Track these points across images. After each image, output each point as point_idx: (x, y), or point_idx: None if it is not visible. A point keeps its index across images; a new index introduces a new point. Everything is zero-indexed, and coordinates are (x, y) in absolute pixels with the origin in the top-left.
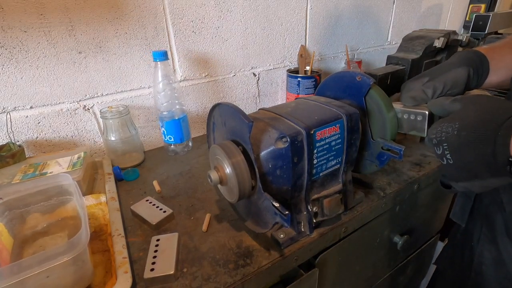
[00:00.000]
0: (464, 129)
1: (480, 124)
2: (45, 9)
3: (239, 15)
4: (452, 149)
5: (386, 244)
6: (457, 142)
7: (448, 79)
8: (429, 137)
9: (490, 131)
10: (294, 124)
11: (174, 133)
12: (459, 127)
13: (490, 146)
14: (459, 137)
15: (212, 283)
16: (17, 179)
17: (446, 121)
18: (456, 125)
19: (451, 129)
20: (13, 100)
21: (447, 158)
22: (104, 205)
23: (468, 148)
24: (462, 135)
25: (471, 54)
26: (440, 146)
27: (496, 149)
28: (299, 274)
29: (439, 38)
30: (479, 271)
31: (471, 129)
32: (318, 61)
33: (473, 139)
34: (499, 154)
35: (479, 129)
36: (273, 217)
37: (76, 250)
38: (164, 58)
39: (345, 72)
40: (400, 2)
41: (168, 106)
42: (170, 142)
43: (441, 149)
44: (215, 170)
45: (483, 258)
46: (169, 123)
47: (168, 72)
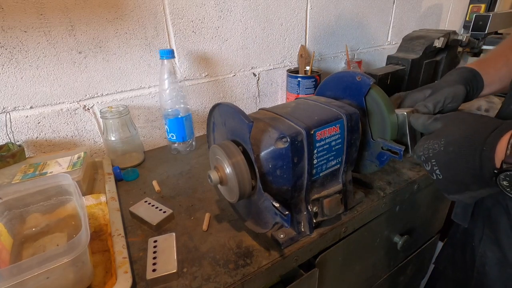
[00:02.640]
0: (451, 145)
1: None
2: (45, 9)
3: (239, 15)
4: (441, 164)
5: (386, 244)
6: (445, 158)
7: (449, 93)
8: (417, 154)
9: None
10: (294, 124)
11: (177, 131)
12: (445, 143)
13: (476, 160)
14: (446, 153)
15: (212, 283)
16: (17, 179)
17: (432, 138)
18: (442, 141)
19: (437, 145)
20: (13, 100)
21: (437, 174)
22: (104, 205)
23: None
24: (449, 150)
25: (466, 73)
26: (428, 163)
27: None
28: (299, 274)
29: (439, 38)
30: (482, 271)
31: (457, 145)
32: (318, 61)
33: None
34: (486, 167)
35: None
36: (273, 217)
37: (76, 251)
38: (170, 56)
39: (345, 72)
40: (400, 2)
41: (173, 103)
42: (173, 140)
43: (430, 165)
44: (215, 170)
45: (486, 258)
46: (172, 121)
47: (174, 70)
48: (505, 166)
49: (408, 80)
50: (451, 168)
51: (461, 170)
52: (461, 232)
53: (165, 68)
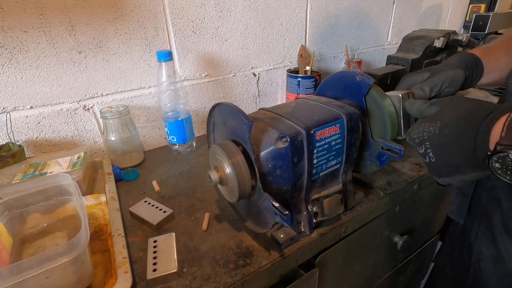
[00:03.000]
0: (446, 127)
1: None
2: (45, 9)
3: (239, 15)
4: (435, 147)
5: (386, 244)
6: (440, 140)
7: (447, 77)
8: (411, 137)
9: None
10: (294, 124)
11: (177, 134)
12: (441, 126)
13: (471, 142)
14: (441, 136)
15: (212, 283)
16: (17, 179)
17: (427, 121)
18: (438, 124)
19: (433, 128)
20: (13, 100)
21: (430, 157)
22: (104, 205)
23: (450, 145)
24: (445, 133)
25: (468, 57)
26: (422, 145)
27: (477, 145)
28: (299, 274)
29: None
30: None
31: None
32: (318, 61)
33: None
34: (479, 149)
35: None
36: (273, 217)
37: (76, 251)
38: (168, 59)
39: (345, 72)
40: (400, 2)
41: (172, 106)
42: (173, 143)
43: (424, 148)
44: (215, 170)
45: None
46: (172, 124)
47: (172, 72)
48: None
49: None
50: (445, 151)
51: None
52: (459, 230)
53: (163, 71)
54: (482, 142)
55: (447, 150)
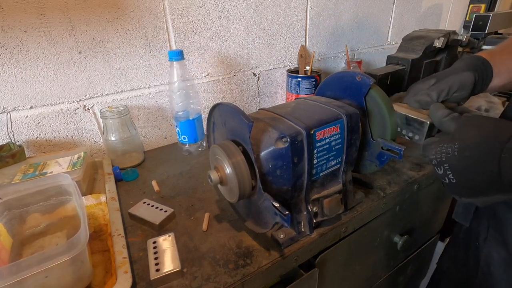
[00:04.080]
0: (466, 150)
1: (482, 145)
2: (45, 9)
3: (239, 15)
4: (454, 169)
5: (386, 244)
6: (460, 163)
7: (454, 82)
8: (429, 158)
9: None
10: (294, 124)
11: (189, 133)
12: (459, 148)
13: (495, 166)
14: (461, 158)
15: (212, 283)
16: (17, 179)
17: (445, 142)
18: (456, 145)
19: (451, 149)
20: (13, 100)
21: (450, 178)
22: (104, 205)
23: (471, 169)
24: (465, 156)
25: (475, 59)
26: (441, 167)
27: (501, 169)
28: (299, 274)
29: (439, 38)
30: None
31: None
32: (318, 61)
33: (476, 160)
34: (505, 174)
35: (482, 150)
36: (273, 217)
37: (75, 250)
38: (180, 58)
39: (345, 72)
40: (400, 2)
41: (183, 106)
42: (184, 142)
43: (442, 169)
44: (215, 170)
45: (491, 259)
46: (183, 123)
47: (184, 72)
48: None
49: (408, 80)
50: (466, 174)
51: (477, 176)
52: (464, 232)
53: (174, 71)
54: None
55: (469, 173)
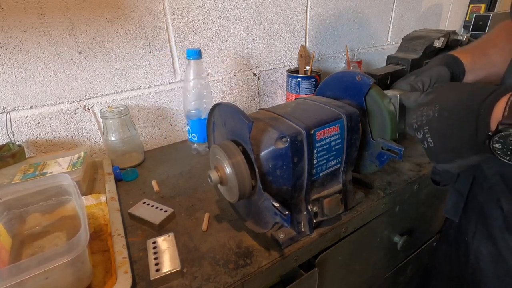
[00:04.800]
0: (445, 110)
1: (461, 105)
2: (45, 9)
3: (239, 15)
4: (434, 131)
5: (386, 244)
6: (439, 124)
7: (433, 74)
8: (409, 123)
9: (472, 111)
10: (294, 124)
11: (199, 132)
12: (440, 109)
13: (472, 124)
14: (440, 119)
15: (212, 283)
16: (17, 179)
17: (425, 105)
18: (436, 107)
19: (432, 111)
20: (13, 100)
21: (428, 142)
22: (104, 205)
23: (449, 129)
24: (444, 116)
25: (446, 57)
26: (421, 130)
27: (478, 127)
28: (299, 274)
29: (439, 38)
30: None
31: (453, 110)
32: (318, 61)
33: (456, 119)
34: (481, 131)
35: (461, 109)
36: (273, 217)
37: (75, 251)
38: (197, 57)
39: (345, 72)
40: (400, 2)
41: (196, 104)
42: (194, 141)
43: (422, 133)
44: (215, 170)
45: (480, 254)
46: (194, 122)
47: (200, 71)
48: (501, 127)
49: None
50: (444, 134)
51: (454, 136)
52: (454, 228)
53: (191, 69)
54: (484, 123)
55: (447, 133)
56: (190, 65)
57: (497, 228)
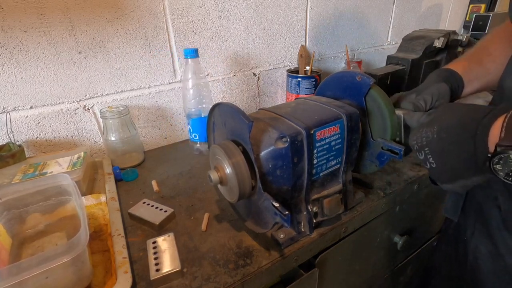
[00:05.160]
0: (444, 131)
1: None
2: (45, 9)
3: (239, 15)
4: (434, 152)
5: (386, 244)
6: (438, 145)
7: (434, 92)
8: (410, 143)
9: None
10: (294, 124)
11: (200, 131)
12: (438, 130)
13: (470, 145)
14: (439, 140)
15: (212, 283)
16: (17, 179)
17: (425, 126)
18: (435, 128)
19: (431, 133)
20: (13, 100)
21: (430, 162)
22: (104, 205)
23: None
24: (443, 137)
25: (442, 71)
26: (422, 151)
27: (476, 148)
28: (299, 274)
29: (439, 38)
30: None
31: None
32: (318, 61)
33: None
34: (479, 152)
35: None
36: (273, 217)
37: (75, 251)
38: (195, 55)
39: (345, 72)
40: (400, 2)
41: (196, 103)
42: (195, 141)
43: (423, 154)
44: (215, 170)
45: (479, 252)
46: (195, 121)
47: (198, 69)
48: (499, 149)
49: (408, 80)
50: (444, 155)
51: (454, 157)
52: (453, 228)
53: (189, 68)
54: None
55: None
56: (188, 64)
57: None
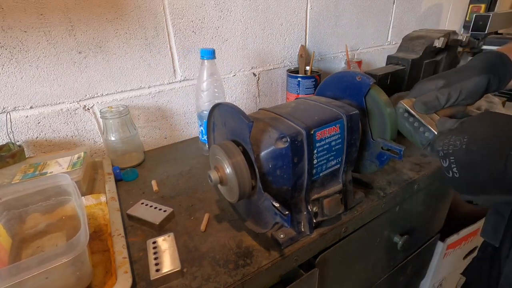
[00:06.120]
0: (474, 144)
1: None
2: (45, 9)
3: (239, 15)
4: (460, 163)
5: (386, 244)
6: (466, 157)
7: (464, 88)
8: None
9: (502, 149)
10: (294, 124)
11: None
12: (468, 142)
13: (501, 164)
14: (468, 152)
15: (212, 283)
16: (17, 179)
17: (454, 134)
18: (465, 139)
19: (459, 142)
20: (13, 100)
21: (453, 172)
22: (104, 205)
23: (477, 164)
24: (472, 150)
25: (493, 58)
26: (446, 159)
27: (507, 169)
28: (299, 274)
29: (439, 38)
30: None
31: (482, 146)
32: (318, 61)
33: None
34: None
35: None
36: (273, 217)
37: (75, 251)
38: (211, 57)
39: (345, 72)
40: (400, 2)
41: (210, 105)
42: (206, 142)
43: (448, 162)
44: (215, 170)
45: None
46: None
47: (214, 71)
48: None
49: (408, 80)
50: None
51: (481, 173)
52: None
53: (205, 69)
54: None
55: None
56: (204, 65)
57: None
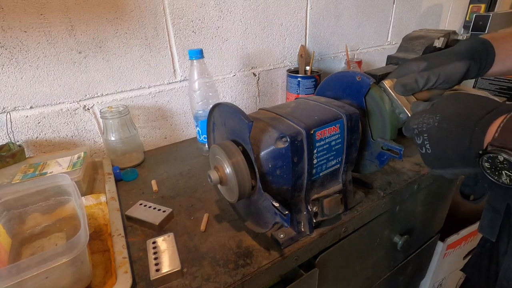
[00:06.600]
0: (445, 121)
1: (460, 118)
2: (45, 9)
3: (239, 15)
4: (432, 139)
5: (386, 244)
6: (437, 134)
7: (443, 73)
8: (410, 127)
9: (468, 126)
10: (294, 124)
11: None
12: (440, 119)
13: (467, 139)
14: (439, 129)
15: (212, 283)
16: (17, 179)
17: (428, 112)
18: (437, 117)
19: (432, 120)
20: (13, 100)
21: (426, 148)
22: (104, 205)
23: (447, 140)
24: (443, 127)
25: (477, 44)
26: (420, 136)
27: (471, 143)
28: (299, 274)
29: (439, 38)
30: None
31: (451, 122)
32: (318, 61)
33: (453, 131)
34: (474, 148)
35: (458, 123)
36: (273, 217)
37: (75, 251)
38: (200, 56)
39: (345, 72)
40: (400, 2)
41: (203, 105)
42: (205, 142)
43: (421, 139)
44: (215, 170)
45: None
46: (204, 123)
47: (204, 70)
48: (490, 148)
49: None
50: (441, 145)
51: (450, 147)
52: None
53: (194, 69)
54: (477, 141)
55: (443, 144)
56: (193, 65)
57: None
